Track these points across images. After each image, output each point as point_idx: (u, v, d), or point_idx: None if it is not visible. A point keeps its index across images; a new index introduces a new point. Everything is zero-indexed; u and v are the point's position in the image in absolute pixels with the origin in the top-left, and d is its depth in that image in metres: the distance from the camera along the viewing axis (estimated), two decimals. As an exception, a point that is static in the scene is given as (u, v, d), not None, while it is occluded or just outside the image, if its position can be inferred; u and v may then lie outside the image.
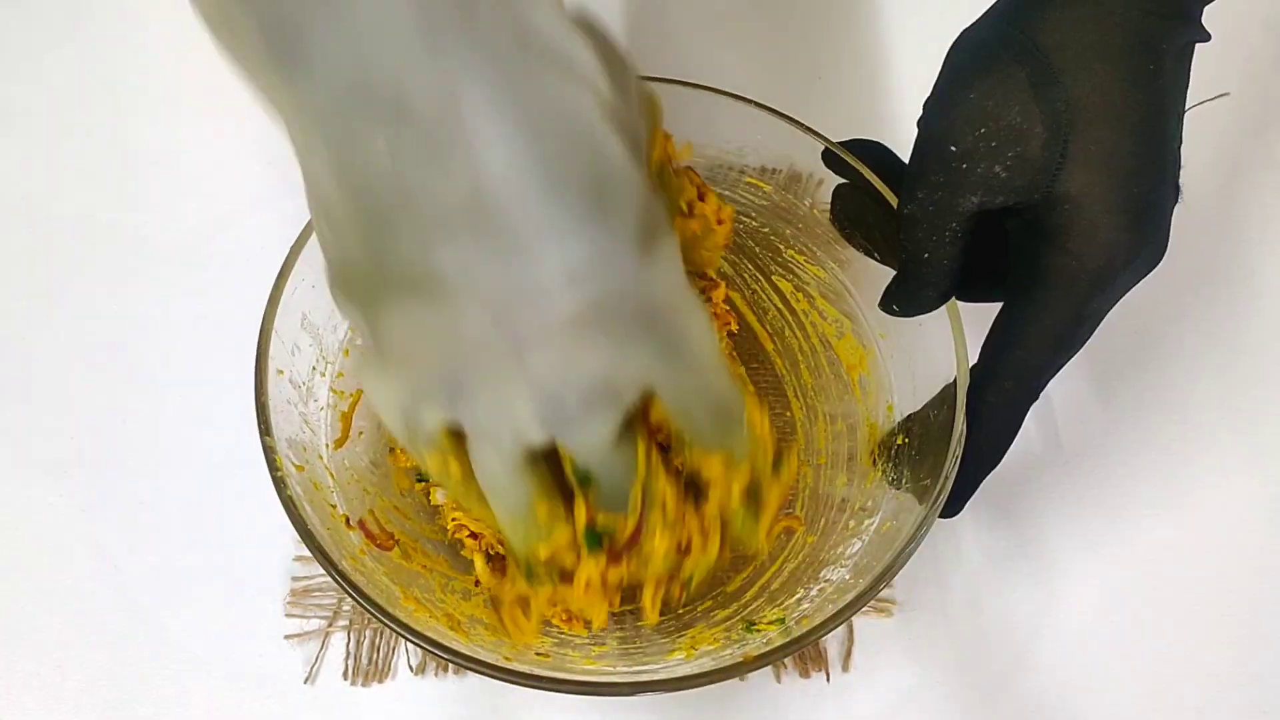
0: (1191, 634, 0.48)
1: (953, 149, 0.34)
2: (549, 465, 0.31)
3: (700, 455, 0.33)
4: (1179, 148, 0.35)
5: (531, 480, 0.31)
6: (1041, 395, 0.51)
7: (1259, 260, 0.58)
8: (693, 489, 0.34)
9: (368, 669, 0.45)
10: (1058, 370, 0.37)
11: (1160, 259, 0.35)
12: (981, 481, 0.39)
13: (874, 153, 0.42)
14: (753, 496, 0.34)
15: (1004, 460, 0.43)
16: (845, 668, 0.46)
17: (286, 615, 0.46)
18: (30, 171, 0.57)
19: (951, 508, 0.39)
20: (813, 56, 0.63)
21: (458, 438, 0.30)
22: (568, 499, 0.32)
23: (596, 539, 0.33)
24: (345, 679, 0.45)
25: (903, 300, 0.39)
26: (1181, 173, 0.35)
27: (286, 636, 0.46)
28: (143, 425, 0.50)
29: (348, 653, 0.46)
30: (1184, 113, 0.35)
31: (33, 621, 0.46)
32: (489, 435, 0.29)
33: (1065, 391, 0.53)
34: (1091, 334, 0.36)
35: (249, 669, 0.45)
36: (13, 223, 0.55)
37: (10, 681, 0.44)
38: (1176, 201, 0.35)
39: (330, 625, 0.46)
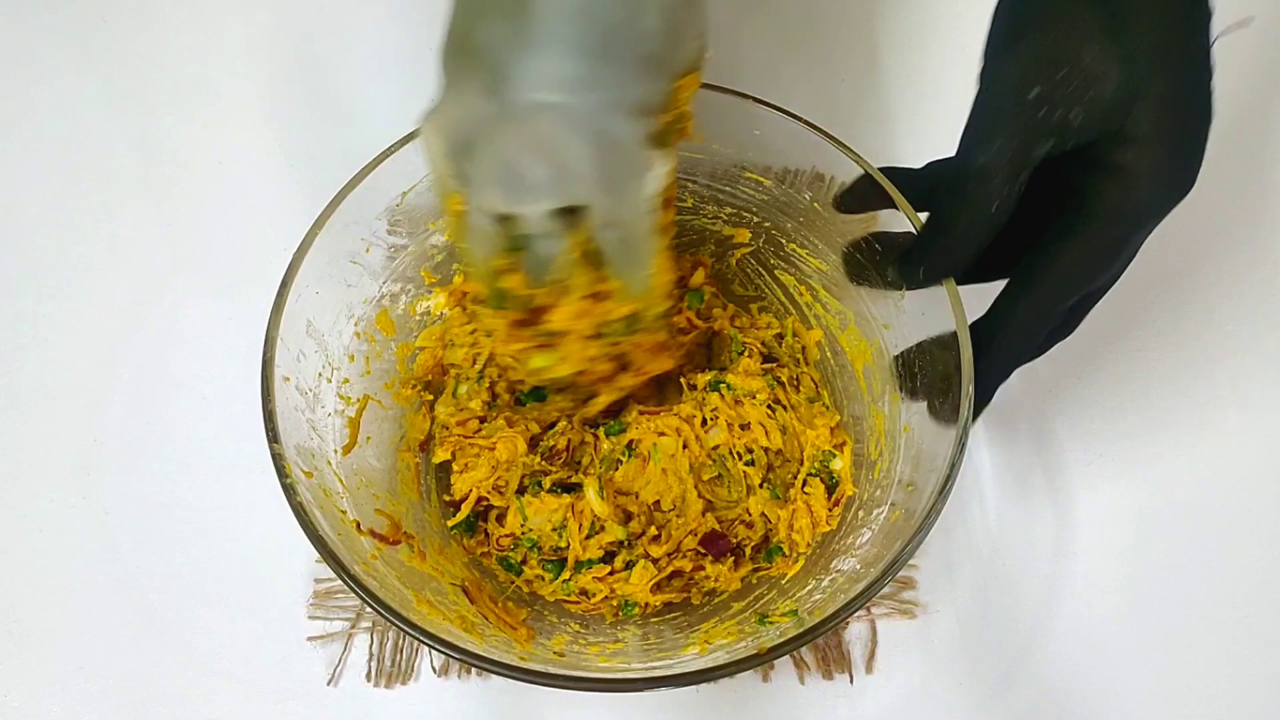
0: (1210, 618, 0.48)
1: (1033, 93, 0.35)
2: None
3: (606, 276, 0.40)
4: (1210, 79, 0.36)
5: (493, 235, 0.38)
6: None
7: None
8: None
9: (390, 671, 0.46)
10: (1097, 299, 0.38)
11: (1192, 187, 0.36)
12: (1011, 373, 0.40)
13: (898, 179, 0.42)
14: (630, 325, 0.42)
15: (1022, 462, 0.43)
16: (869, 669, 0.46)
17: (309, 617, 0.47)
18: (50, 176, 0.58)
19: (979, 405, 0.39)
20: (838, 58, 0.62)
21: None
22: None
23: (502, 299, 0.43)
24: (368, 681, 0.46)
25: (945, 259, 0.39)
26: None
27: (309, 638, 0.46)
28: (165, 428, 0.51)
29: (370, 654, 0.46)
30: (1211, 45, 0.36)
31: (55, 624, 0.47)
32: (475, 189, 0.37)
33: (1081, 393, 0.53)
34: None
35: (272, 671, 0.46)
36: (35, 228, 0.56)
37: (33, 684, 0.45)
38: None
39: (353, 627, 0.47)
